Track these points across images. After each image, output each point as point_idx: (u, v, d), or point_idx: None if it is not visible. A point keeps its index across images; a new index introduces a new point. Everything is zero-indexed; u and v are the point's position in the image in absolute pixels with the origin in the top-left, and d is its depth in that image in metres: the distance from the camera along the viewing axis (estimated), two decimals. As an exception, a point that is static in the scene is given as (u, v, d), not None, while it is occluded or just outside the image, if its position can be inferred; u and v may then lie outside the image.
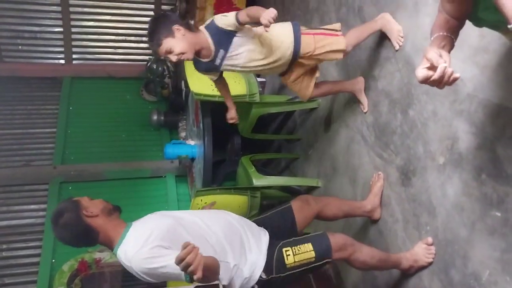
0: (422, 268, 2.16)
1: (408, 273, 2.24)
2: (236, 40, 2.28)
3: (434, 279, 2.08)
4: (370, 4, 2.59)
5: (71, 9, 5.14)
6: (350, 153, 2.88)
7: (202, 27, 2.31)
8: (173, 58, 2.21)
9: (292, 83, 2.56)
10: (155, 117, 4.82)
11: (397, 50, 2.34)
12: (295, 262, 2.02)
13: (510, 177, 1.65)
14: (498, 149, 1.70)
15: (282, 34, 2.36)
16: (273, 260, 2.05)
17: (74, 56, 5.34)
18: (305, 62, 2.44)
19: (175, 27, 2.19)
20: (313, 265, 2.05)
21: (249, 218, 2.40)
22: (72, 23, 5.20)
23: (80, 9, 5.23)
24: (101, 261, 3.44)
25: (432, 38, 1.26)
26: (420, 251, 2.13)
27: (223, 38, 2.27)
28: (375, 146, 2.59)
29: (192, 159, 3.96)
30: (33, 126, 4.91)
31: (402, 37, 2.30)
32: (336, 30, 2.43)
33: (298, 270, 2.04)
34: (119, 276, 3.81)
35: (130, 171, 4.40)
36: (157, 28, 2.20)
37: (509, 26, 0.96)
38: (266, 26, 2.02)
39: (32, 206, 4.26)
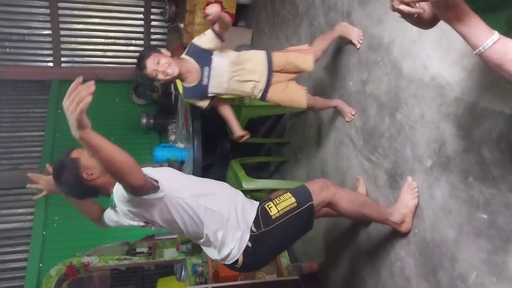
0: (415, 211, 2.15)
1: (401, 229, 2.19)
2: (215, 54, 2.57)
3: (422, 281, 2.09)
4: (359, 8, 2.62)
5: (60, 11, 5.13)
6: (339, 156, 2.89)
7: (183, 55, 2.60)
8: (160, 68, 2.45)
9: (279, 93, 2.71)
10: (144, 120, 4.81)
11: (358, 48, 2.63)
12: (278, 211, 2.05)
13: (496, 179, 1.67)
14: (485, 152, 1.72)
15: (254, 53, 2.70)
16: (259, 217, 2.08)
17: (62, 59, 5.33)
18: (281, 75, 2.70)
19: (163, 49, 2.53)
20: (298, 210, 2.05)
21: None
22: (61, 26, 5.19)
23: (69, 12, 5.21)
24: (89, 265, 3.42)
25: None
26: (406, 196, 2.17)
27: (203, 56, 2.56)
28: (363, 149, 2.60)
29: (182, 163, 3.95)
30: (21, 130, 4.88)
31: (361, 37, 2.61)
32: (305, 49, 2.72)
33: (285, 218, 2.05)
34: (108, 280, 3.79)
35: (119, 174, 4.38)
36: (149, 49, 2.53)
37: (474, 52, 1.03)
38: None
39: (20, 210, 4.24)
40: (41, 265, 3.72)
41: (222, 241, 2.01)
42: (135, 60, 2.57)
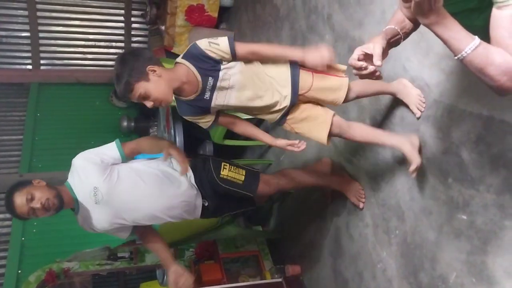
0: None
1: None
2: (223, 67, 1.91)
3: (403, 282, 2.11)
4: (339, 12, 2.63)
5: (39, 13, 5.04)
6: (321, 158, 2.90)
7: (179, 59, 1.93)
8: (149, 104, 1.88)
9: (296, 122, 2.09)
10: (125, 123, 4.76)
11: (418, 118, 2.00)
12: (227, 175, 2.36)
13: (475, 180, 1.69)
14: (463, 153, 1.75)
15: (279, 71, 2.00)
16: (210, 161, 2.42)
17: (42, 61, 5.23)
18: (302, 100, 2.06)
19: (149, 68, 1.85)
20: (238, 189, 2.38)
21: (222, 220, 2.59)
22: (40, 27, 5.10)
23: (48, 14, 5.13)
24: (69, 270, 3.36)
25: (384, 29, 1.36)
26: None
27: (207, 65, 1.88)
28: (345, 152, 2.62)
29: (163, 166, 3.92)
30: (-1, 133, 4.79)
31: (423, 102, 1.97)
32: (341, 71, 2.04)
33: (227, 185, 2.37)
34: (89, 285, 3.73)
35: (99, 178, 4.34)
36: (127, 70, 1.83)
37: (456, 57, 1.05)
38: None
39: (-3, 216, 4.15)
40: (19, 271, 3.65)
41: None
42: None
